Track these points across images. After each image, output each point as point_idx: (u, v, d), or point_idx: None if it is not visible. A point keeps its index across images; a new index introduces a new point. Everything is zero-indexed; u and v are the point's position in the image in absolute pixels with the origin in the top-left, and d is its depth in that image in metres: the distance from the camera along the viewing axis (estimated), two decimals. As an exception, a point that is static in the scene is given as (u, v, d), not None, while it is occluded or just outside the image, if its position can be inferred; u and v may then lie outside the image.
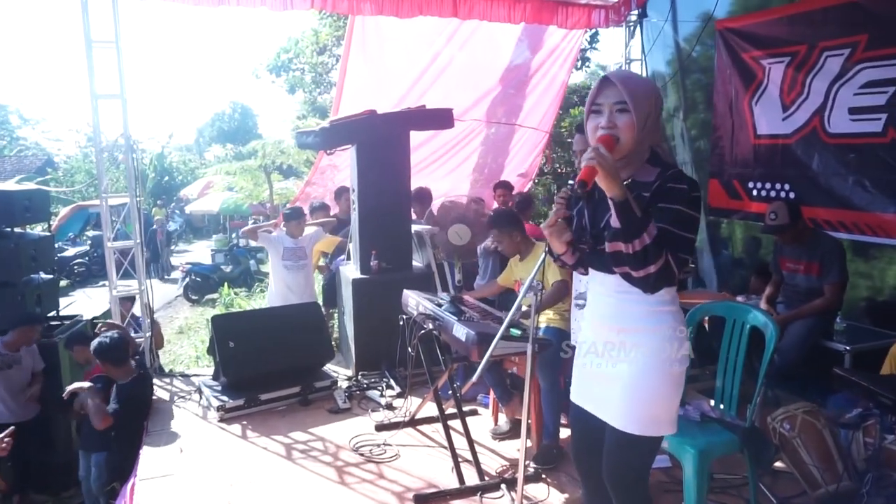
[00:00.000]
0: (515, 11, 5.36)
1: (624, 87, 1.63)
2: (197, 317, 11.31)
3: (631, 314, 1.74)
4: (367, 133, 4.29)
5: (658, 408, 1.74)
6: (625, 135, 1.64)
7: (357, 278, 4.41)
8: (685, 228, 1.61)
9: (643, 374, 1.72)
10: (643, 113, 1.64)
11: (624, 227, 1.56)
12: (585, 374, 1.89)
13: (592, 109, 1.70)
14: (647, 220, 1.55)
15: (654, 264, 1.57)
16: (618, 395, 1.75)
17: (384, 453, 3.30)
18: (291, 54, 13.31)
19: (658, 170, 1.69)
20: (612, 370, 1.77)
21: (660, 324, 1.72)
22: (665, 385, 1.73)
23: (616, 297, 1.75)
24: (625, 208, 1.55)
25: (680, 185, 1.63)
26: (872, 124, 3.89)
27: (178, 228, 22.48)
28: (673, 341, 1.73)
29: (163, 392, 4.23)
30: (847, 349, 3.52)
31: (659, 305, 1.71)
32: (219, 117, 41.68)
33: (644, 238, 1.54)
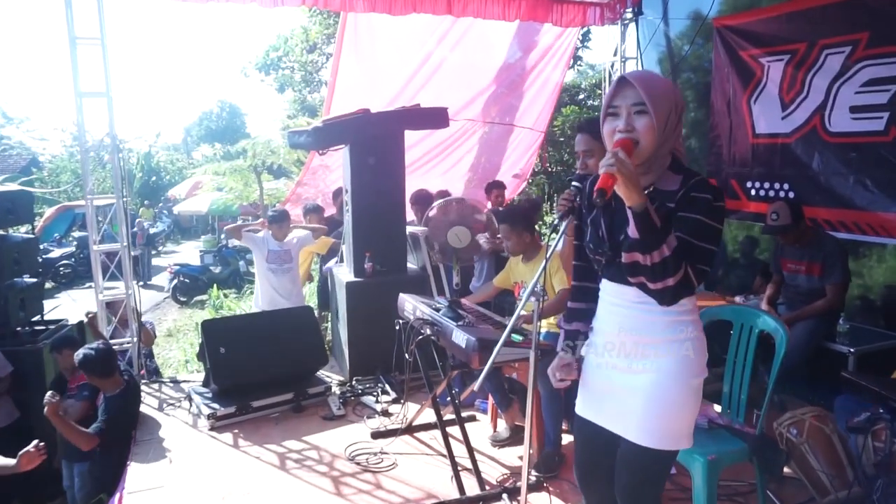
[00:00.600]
0: (510, 9, 5.28)
1: (643, 88, 1.54)
2: (185, 319, 11.15)
3: (650, 324, 1.65)
4: (360, 132, 4.19)
5: (677, 420, 1.67)
6: (644, 138, 1.55)
7: (351, 281, 4.31)
8: (705, 239, 1.53)
9: (663, 385, 1.64)
10: (663, 115, 1.55)
11: (642, 238, 1.47)
12: (596, 387, 1.80)
13: (609, 112, 1.61)
14: (667, 231, 1.47)
15: (672, 277, 1.49)
16: (636, 407, 1.67)
17: (381, 462, 3.21)
18: (281, 52, 13.18)
19: (681, 177, 1.61)
20: (630, 382, 1.69)
21: (680, 333, 1.65)
22: (685, 397, 1.66)
23: (634, 308, 1.67)
24: (644, 218, 1.46)
25: (703, 195, 1.55)
26: (874, 123, 3.84)
27: (166, 229, 22.24)
28: (694, 351, 1.65)
29: (151, 399, 4.12)
30: (851, 351, 3.47)
31: (679, 315, 1.64)
32: (206, 116, 41.37)
33: (663, 250, 1.46)
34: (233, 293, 11.24)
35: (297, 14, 12.26)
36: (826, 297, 3.63)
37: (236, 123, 40.78)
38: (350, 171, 4.28)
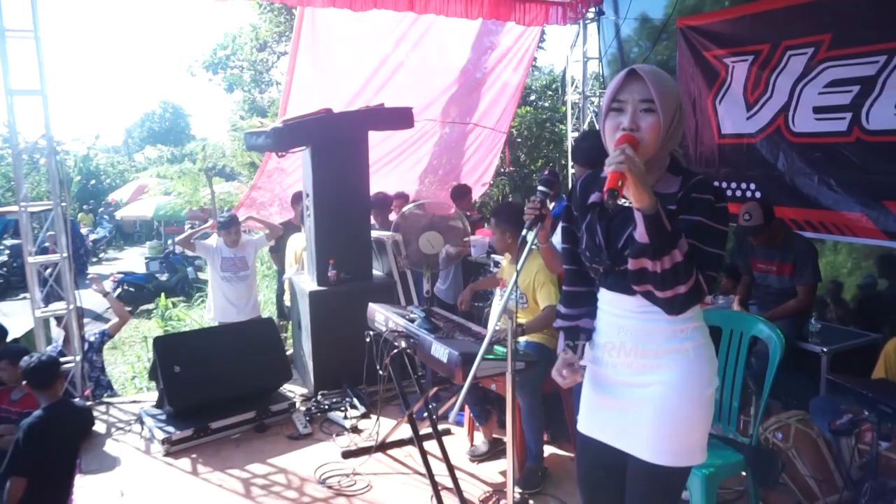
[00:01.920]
0: (473, 7, 5.17)
1: (653, 84, 1.43)
2: (131, 330, 10.58)
3: (653, 335, 1.54)
4: (322, 133, 3.98)
5: (690, 434, 1.56)
6: (648, 137, 1.44)
7: (314, 290, 4.09)
8: (711, 243, 1.43)
9: (671, 398, 1.54)
10: (670, 114, 1.45)
11: (653, 243, 1.36)
12: (600, 403, 1.67)
13: (613, 107, 1.49)
14: (678, 235, 1.37)
15: (684, 284, 1.38)
16: (644, 423, 1.56)
17: (354, 484, 3.02)
18: (229, 51, 12.70)
19: (680, 178, 1.51)
20: (636, 397, 1.58)
21: (685, 342, 1.54)
22: (696, 409, 1.55)
23: (635, 318, 1.56)
24: (655, 221, 1.34)
25: (705, 196, 1.46)
26: (837, 123, 3.89)
27: (107, 235, 21.24)
28: (702, 361, 1.55)
29: (98, 423, 3.78)
30: (824, 351, 3.48)
31: (683, 323, 1.52)
32: (149, 117, 39.91)
33: (675, 255, 1.35)
34: (182, 301, 10.74)
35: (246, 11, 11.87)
36: (797, 297, 3.64)
37: (180, 125, 39.49)
38: (311, 174, 4.06)
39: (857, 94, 3.73)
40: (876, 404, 2.47)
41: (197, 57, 13.44)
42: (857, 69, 3.73)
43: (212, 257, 4.62)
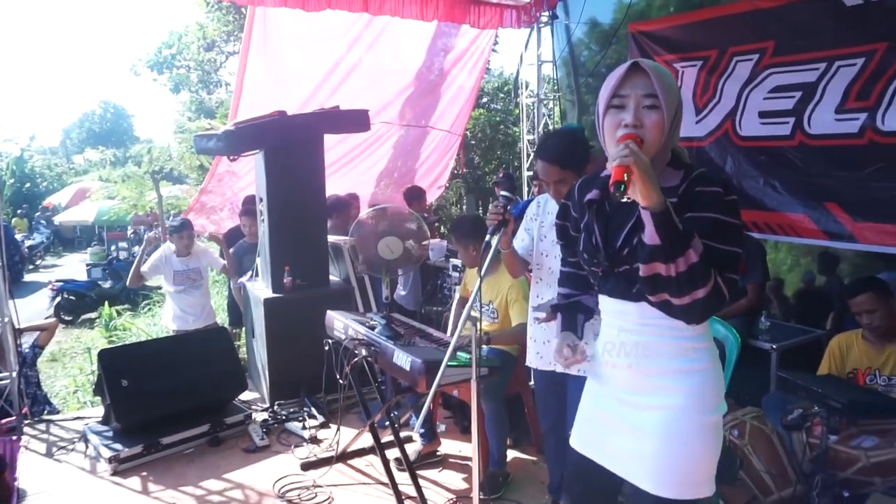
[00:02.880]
0: (428, 8, 5.14)
1: (657, 78, 1.35)
2: (72, 341, 10.12)
3: (660, 352, 1.43)
4: (276, 136, 3.87)
5: (696, 464, 1.44)
6: (652, 135, 1.36)
7: (269, 297, 3.98)
8: (727, 241, 1.32)
9: (676, 424, 1.42)
10: (672, 110, 1.38)
11: (665, 244, 1.25)
12: (598, 422, 1.58)
13: (613, 103, 1.40)
14: (691, 234, 1.26)
15: (702, 288, 1.26)
16: (647, 450, 1.45)
17: (315, 497, 2.94)
18: (174, 50, 12.29)
19: (681, 172, 1.44)
20: (637, 420, 1.47)
21: (693, 363, 1.43)
22: (703, 436, 1.43)
23: (640, 332, 1.45)
24: (665, 219, 1.24)
25: (711, 189, 1.36)
26: (781, 127, 4.02)
27: (45, 241, 20.26)
28: (710, 384, 1.44)
29: (37, 443, 3.57)
30: (773, 347, 3.60)
31: (691, 340, 1.42)
32: (88, 117, 38.33)
33: (690, 255, 1.24)
34: (127, 310, 10.32)
35: (193, 9, 11.49)
36: (748, 296, 3.75)
37: (123, 126, 38.11)
38: (265, 178, 3.94)
39: (800, 99, 3.87)
40: (825, 399, 2.56)
41: (140, 55, 12.98)
42: (799, 75, 3.86)
43: (164, 273, 4.45)
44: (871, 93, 3.53)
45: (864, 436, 2.67)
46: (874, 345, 2.95)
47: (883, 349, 2.92)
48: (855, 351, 3.02)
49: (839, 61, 3.66)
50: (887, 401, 2.71)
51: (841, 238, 3.84)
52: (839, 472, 2.67)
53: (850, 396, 2.53)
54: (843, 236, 3.82)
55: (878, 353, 2.93)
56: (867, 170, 3.61)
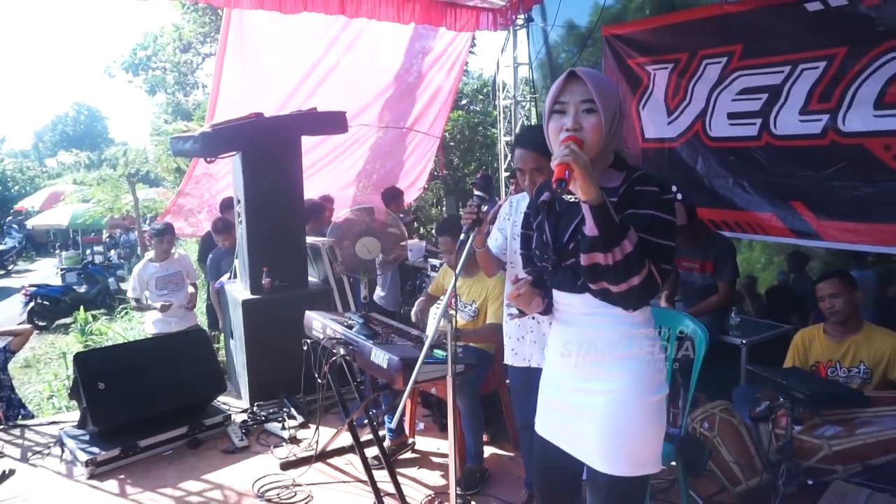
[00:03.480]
0: (404, 11, 5.18)
1: (592, 84, 1.46)
2: (47, 347, 9.97)
3: (603, 339, 1.55)
4: (253, 138, 3.88)
5: (641, 443, 1.55)
6: (591, 137, 1.47)
7: (247, 299, 3.99)
8: (662, 235, 1.45)
9: (620, 406, 1.53)
10: (610, 113, 1.48)
11: (603, 235, 1.37)
12: (554, 407, 1.69)
13: (555, 109, 1.52)
14: (626, 226, 1.39)
15: (637, 275, 1.39)
16: (594, 432, 1.55)
17: (294, 496, 2.96)
18: (150, 51, 12.16)
19: (623, 174, 1.54)
20: (585, 404, 1.58)
21: (634, 348, 1.54)
22: (646, 416, 1.54)
23: (586, 321, 1.56)
24: (602, 212, 1.36)
25: (649, 188, 1.48)
26: (749, 128, 4.13)
27: (17, 246, 19.90)
28: (651, 366, 1.55)
29: (11, 449, 3.54)
30: (743, 342, 3.70)
31: (633, 327, 1.54)
32: (61, 120, 37.67)
33: (625, 245, 1.37)
34: (103, 314, 10.19)
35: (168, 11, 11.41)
36: (718, 293, 3.85)
37: (97, 128, 37.54)
38: (243, 179, 3.96)
39: (766, 101, 3.98)
40: (789, 391, 2.65)
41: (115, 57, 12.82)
42: (766, 78, 3.98)
43: (147, 283, 4.51)
44: (832, 95, 3.65)
45: (827, 425, 2.76)
46: (834, 338, 3.05)
47: (842, 342, 3.02)
48: (817, 344, 3.11)
49: (803, 64, 3.78)
50: (847, 391, 2.81)
51: (807, 236, 3.96)
52: (803, 461, 2.76)
53: (812, 388, 2.62)
54: (808, 234, 3.94)
55: (838, 346, 3.03)
56: (830, 169, 3.73)
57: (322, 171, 6.23)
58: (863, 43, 3.50)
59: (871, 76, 3.49)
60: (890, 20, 3.38)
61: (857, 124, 3.58)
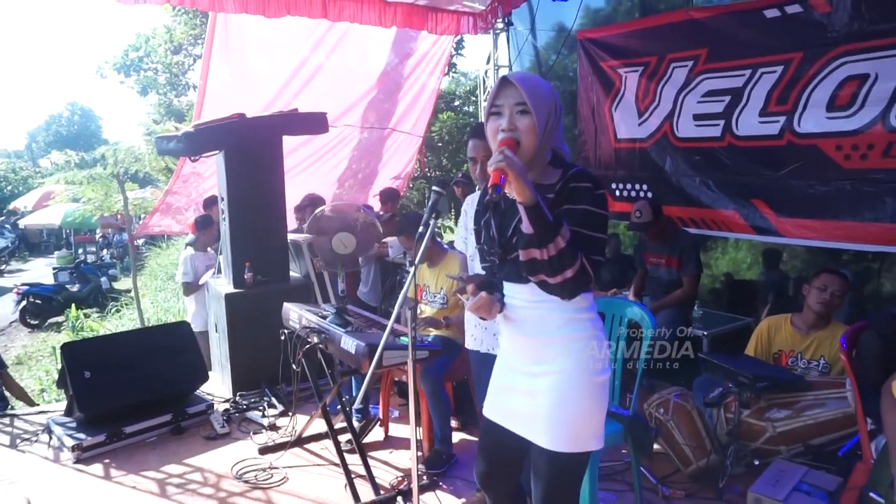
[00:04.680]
0: (386, 15, 5.33)
1: (524, 88, 1.58)
2: (39, 344, 10.09)
3: (547, 324, 1.66)
4: (235, 138, 4.03)
5: (584, 421, 1.65)
6: (526, 137, 1.59)
7: (230, 293, 4.13)
8: (595, 228, 1.56)
9: (564, 386, 1.64)
10: (543, 114, 1.60)
11: (537, 232, 1.49)
12: (503, 389, 1.79)
13: (492, 111, 1.64)
14: (559, 223, 1.49)
15: (570, 268, 1.50)
16: (540, 411, 1.66)
17: (271, 478, 3.10)
18: (142, 53, 12.29)
19: (560, 171, 1.65)
20: (532, 385, 1.69)
21: (579, 332, 1.66)
22: (589, 396, 1.65)
23: (532, 308, 1.67)
24: (536, 212, 1.48)
25: (584, 184, 1.59)
26: (713, 129, 4.31)
27: (10, 245, 19.95)
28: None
29: (1, 436, 3.67)
30: (705, 334, 3.87)
31: (576, 313, 1.65)
32: (55, 120, 37.68)
33: (559, 242, 1.48)
34: (95, 313, 10.30)
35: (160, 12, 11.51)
36: (683, 287, 4.02)
37: (91, 128, 37.59)
38: (225, 178, 4.10)
39: (728, 103, 4.16)
40: (735, 375, 2.82)
41: (107, 58, 12.91)
42: (728, 81, 4.15)
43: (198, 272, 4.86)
44: (789, 98, 3.83)
45: (774, 408, 2.93)
46: (800, 330, 3.20)
47: (807, 335, 3.17)
48: (783, 334, 3.26)
49: (762, 68, 3.96)
50: (789, 376, 2.99)
51: (767, 232, 4.13)
52: (750, 442, 2.94)
53: (755, 371, 2.79)
54: (768, 231, 4.11)
55: (803, 339, 3.18)
56: (787, 169, 3.91)
57: (307, 171, 6.37)
58: (816, 48, 3.67)
59: (823, 80, 3.67)
60: (841, 27, 3.56)
61: (811, 126, 3.76)
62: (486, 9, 5.80)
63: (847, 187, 3.66)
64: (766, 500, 2.44)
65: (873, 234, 3.60)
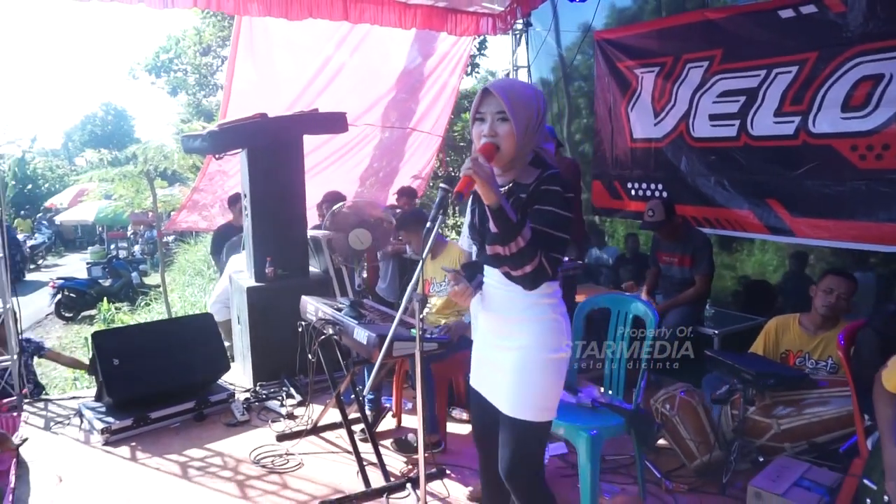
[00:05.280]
0: (406, 17, 5.43)
1: (504, 98, 1.72)
2: (72, 336, 10.44)
3: (514, 304, 1.84)
4: (258, 137, 4.18)
5: (540, 392, 1.84)
6: (505, 142, 1.74)
7: (252, 286, 4.28)
8: (558, 229, 1.71)
9: (526, 361, 1.83)
10: (522, 121, 1.73)
11: (500, 232, 1.65)
12: (481, 361, 2.01)
13: (476, 117, 1.80)
14: (521, 225, 1.65)
15: (529, 265, 1.67)
16: (505, 382, 1.86)
17: (287, 463, 3.23)
18: (172, 54, 12.63)
19: (538, 171, 1.78)
20: (499, 358, 1.89)
21: (540, 314, 1.83)
22: (545, 372, 1.83)
23: (502, 289, 1.85)
24: (500, 215, 1.64)
25: (554, 187, 1.73)
26: (728, 129, 4.32)
27: (47, 241, 20.62)
28: (553, 330, 1.84)
29: (36, 419, 3.87)
30: (716, 333, 3.89)
31: (538, 297, 1.82)
32: (90, 120, 38.73)
33: (519, 241, 1.64)
34: (126, 306, 10.64)
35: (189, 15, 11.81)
36: (695, 285, 4.04)
37: (124, 128, 38.52)
38: (248, 175, 4.25)
39: (744, 103, 4.17)
40: (739, 372, 2.85)
41: (139, 59, 13.30)
42: (743, 81, 4.17)
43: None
44: (804, 98, 3.84)
45: (780, 406, 2.96)
46: (808, 330, 3.21)
47: (815, 336, 3.18)
48: (790, 333, 3.27)
49: (777, 69, 3.97)
50: (794, 373, 3.01)
51: (781, 232, 4.14)
52: (756, 439, 2.97)
53: (758, 368, 2.82)
54: (782, 231, 4.12)
55: (811, 339, 3.19)
56: (802, 169, 3.92)
57: (330, 169, 6.51)
58: (831, 48, 3.68)
59: (838, 80, 3.68)
60: (856, 27, 3.56)
61: (826, 126, 3.76)
62: (504, 10, 5.87)
63: (862, 187, 3.66)
64: (764, 493, 2.48)
65: (889, 235, 3.59)
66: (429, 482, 2.89)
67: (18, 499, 2.93)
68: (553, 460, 3.16)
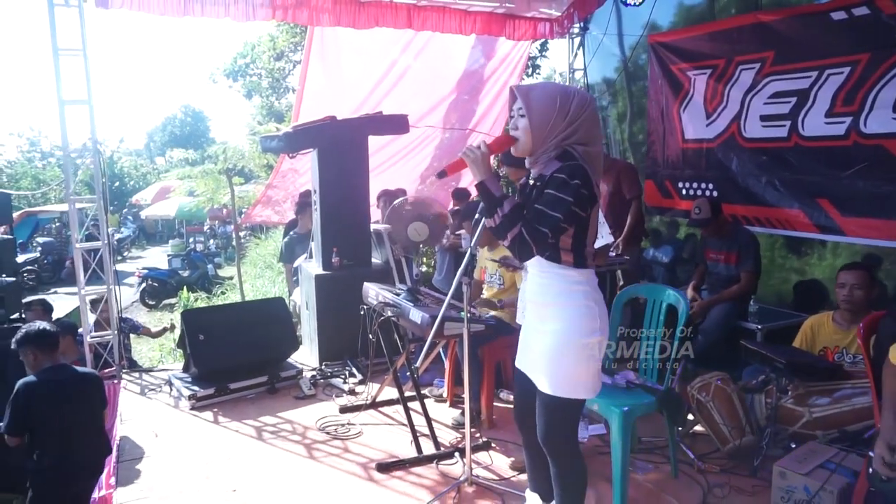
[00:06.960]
0: (466, 23, 5.72)
1: (521, 98, 2.00)
2: (155, 321, 11.26)
3: (549, 291, 2.06)
4: (327, 137, 4.57)
5: (572, 372, 2.04)
6: (522, 136, 2.02)
7: (319, 274, 4.68)
8: (550, 206, 1.93)
9: (559, 342, 2.04)
10: (538, 119, 1.97)
11: (486, 205, 1.99)
12: (524, 342, 2.24)
13: (511, 114, 2.10)
14: (500, 201, 1.95)
15: (508, 235, 1.96)
16: (540, 361, 2.09)
17: (348, 431, 3.59)
18: (248, 59, 13.43)
19: (560, 164, 1.97)
20: (537, 339, 2.12)
21: (573, 299, 2.04)
22: (577, 353, 2.03)
23: (539, 276, 2.08)
24: (483, 190, 1.99)
25: (559, 175, 1.94)
26: (779, 130, 4.39)
27: (132, 234, 22.16)
28: (585, 316, 2.03)
29: (133, 386, 4.40)
30: (759, 328, 3.98)
31: (571, 284, 2.04)
32: (170, 121, 41.03)
33: (498, 213, 1.95)
34: (202, 295, 11.43)
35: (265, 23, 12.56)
36: (740, 282, 4.14)
37: (200, 129, 40.56)
38: (318, 173, 4.65)
39: (795, 104, 4.23)
40: (771, 361, 2.99)
41: (218, 65, 14.22)
42: (795, 83, 4.23)
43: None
44: (855, 98, 3.88)
45: (815, 396, 3.07)
46: (842, 326, 3.30)
47: (849, 330, 3.26)
48: (825, 331, 3.37)
49: (829, 70, 4.02)
50: (825, 364, 3.10)
51: (831, 231, 4.17)
52: (788, 426, 3.08)
53: (789, 358, 2.95)
54: (832, 230, 4.15)
55: (846, 334, 3.28)
56: (852, 169, 3.95)
57: (394, 167, 6.89)
58: (883, 50, 3.71)
59: (890, 81, 3.71)
60: (908, 29, 3.59)
61: (877, 126, 3.80)
62: (562, 14, 6.07)
63: (913, 187, 3.68)
64: (788, 473, 2.62)
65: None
66: (475, 452, 3.17)
67: (123, 448, 3.42)
68: (593, 439, 3.37)
